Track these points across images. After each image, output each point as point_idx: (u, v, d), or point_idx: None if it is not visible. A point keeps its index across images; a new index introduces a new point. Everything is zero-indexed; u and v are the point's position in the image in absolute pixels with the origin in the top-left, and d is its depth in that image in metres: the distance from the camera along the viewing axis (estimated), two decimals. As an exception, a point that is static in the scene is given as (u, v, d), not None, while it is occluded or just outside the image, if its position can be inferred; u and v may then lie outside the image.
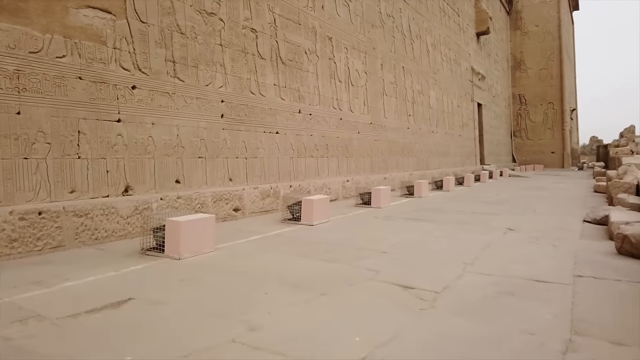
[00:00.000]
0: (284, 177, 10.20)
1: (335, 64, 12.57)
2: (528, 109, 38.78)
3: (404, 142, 17.00)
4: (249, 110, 9.21)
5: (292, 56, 10.70)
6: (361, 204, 10.84)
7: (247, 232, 7.17)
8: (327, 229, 7.53)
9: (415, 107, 18.23)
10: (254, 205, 8.94)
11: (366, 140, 14.18)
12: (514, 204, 11.70)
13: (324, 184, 11.42)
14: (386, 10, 15.87)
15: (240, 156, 8.90)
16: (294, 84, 10.73)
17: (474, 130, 26.73)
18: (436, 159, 20.34)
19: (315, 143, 11.49)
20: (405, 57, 17.33)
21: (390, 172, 15.65)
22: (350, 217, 9.07)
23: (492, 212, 9.87)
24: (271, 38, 9.99)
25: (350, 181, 12.76)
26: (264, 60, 9.71)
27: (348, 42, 13.30)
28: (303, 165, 10.93)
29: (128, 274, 4.69)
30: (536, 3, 38.55)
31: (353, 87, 13.50)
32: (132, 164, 6.70)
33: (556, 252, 5.81)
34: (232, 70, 8.81)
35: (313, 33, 11.58)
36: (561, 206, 11.21)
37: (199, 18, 8.07)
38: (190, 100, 7.79)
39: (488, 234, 7.18)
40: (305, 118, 11.11)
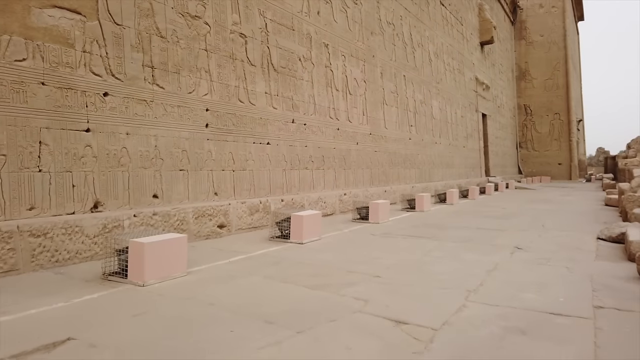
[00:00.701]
0: (276, 191, 9.61)
1: (332, 72, 12.03)
2: (534, 120, 38.14)
3: (406, 153, 16.39)
4: (237, 120, 8.65)
5: (285, 63, 10.16)
6: (358, 219, 10.21)
7: (229, 252, 6.55)
8: (317, 248, 6.90)
9: (418, 117, 17.65)
10: (241, 221, 8.33)
11: (365, 152, 13.59)
12: (521, 218, 11.04)
13: (319, 197, 10.81)
14: (386, 18, 15.38)
15: (227, 168, 8.32)
16: (287, 92, 10.19)
17: (479, 141, 26.10)
18: (439, 170, 19.70)
19: (310, 154, 10.91)
20: (406, 65, 16.80)
21: (391, 185, 15.03)
22: (344, 234, 8.44)
23: (498, 228, 9.22)
24: (262, 44, 9.46)
25: (348, 194, 12.14)
26: (254, 67, 9.17)
27: (346, 49, 12.78)
28: (297, 177, 10.34)
29: (79, 305, 4.08)
30: (541, 13, 38.11)
31: (351, 96, 12.94)
32: (103, 177, 6.13)
33: (571, 276, 5.16)
34: (218, 77, 8.27)
35: (308, 39, 11.07)
36: (571, 221, 10.53)
37: (182, 21, 7.56)
38: (170, 108, 7.24)
39: (494, 253, 6.53)
40: (299, 128, 10.54)
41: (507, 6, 36.10)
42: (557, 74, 37.46)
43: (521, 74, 38.74)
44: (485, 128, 27.91)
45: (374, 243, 7.49)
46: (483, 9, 28.00)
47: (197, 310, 3.92)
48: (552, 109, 37.49)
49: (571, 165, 36.75)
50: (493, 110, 30.09)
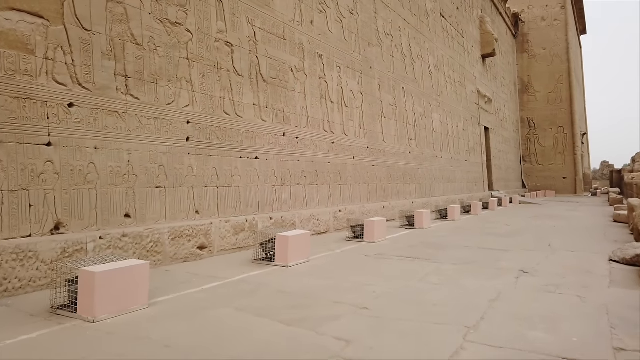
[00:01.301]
0: (265, 208, 9.04)
1: (327, 83, 11.54)
2: (537, 133, 37.59)
3: (405, 167, 15.83)
4: (222, 133, 8.13)
5: (276, 74, 9.68)
6: (352, 238, 9.61)
7: (205, 277, 5.96)
8: (303, 273, 6.30)
9: (418, 130, 17.13)
10: (224, 241, 7.75)
11: (362, 166, 13.03)
12: (526, 236, 10.41)
13: (311, 215, 10.23)
14: (384, 29, 14.95)
15: (210, 185, 7.77)
16: (278, 104, 9.68)
17: (481, 155, 25.53)
18: (441, 185, 19.11)
19: (303, 169, 10.37)
20: (405, 77, 16.32)
21: (390, 201, 14.44)
22: (336, 255, 7.84)
23: (502, 248, 8.60)
24: (250, 53, 8.99)
25: (343, 211, 11.56)
26: (241, 78, 8.68)
27: (341, 60, 12.31)
28: (288, 194, 9.78)
29: (10, 348, 3.50)
30: (543, 26, 37.80)
31: (347, 109, 12.44)
32: (66, 196, 5.59)
33: (584, 308, 4.55)
34: (201, 87, 7.77)
35: (300, 49, 10.60)
36: (580, 239, 9.91)
37: (160, 28, 7.08)
38: (146, 120, 6.72)
39: (497, 278, 5.92)
40: (290, 142, 10.01)
41: (508, 19, 35.82)
42: (561, 87, 37.00)
43: (524, 87, 38.30)
44: (487, 142, 27.36)
45: (367, 266, 6.89)
46: (484, 22, 27.65)
47: (147, 354, 3.33)
48: (555, 123, 36.96)
49: (576, 179, 36.07)
50: (496, 124, 29.57)
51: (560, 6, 37.23)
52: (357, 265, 6.91)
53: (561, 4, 37.26)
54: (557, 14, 37.36)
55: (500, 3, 32.96)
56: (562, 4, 37.26)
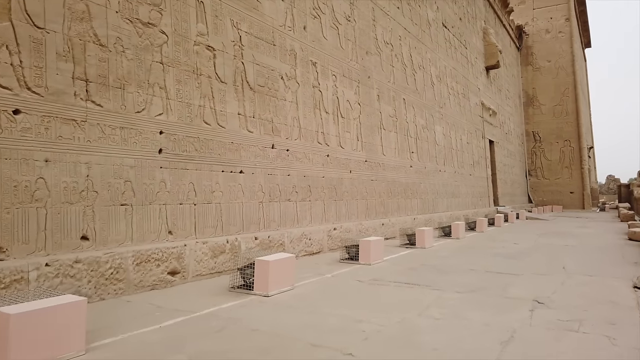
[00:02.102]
0: (250, 227, 8.25)
1: (321, 93, 10.83)
2: (543, 147, 36.76)
3: (407, 182, 15.04)
4: (201, 145, 7.39)
5: (264, 81, 8.97)
6: (346, 260, 8.79)
7: (170, 310, 5.16)
8: (284, 304, 5.49)
9: (419, 143, 16.37)
10: (200, 265, 6.95)
11: (360, 181, 12.25)
12: (537, 257, 9.57)
13: (303, 233, 9.42)
14: (383, 37, 14.29)
15: (186, 202, 7.01)
16: (266, 113, 8.96)
17: (486, 169, 24.71)
18: (444, 200, 18.28)
19: (294, 184, 9.60)
20: (406, 88, 15.62)
21: (390, 217, 13.62)
22: (325, 281, 7.02)
23: (511, 272, 7.76)
24: (235, 59, 8.29)
25: (339, 229, 10.74)
26: (224, 85, 7.97)
27: (337, 68, 11.61)
28: (277, 211, 8.99)
29: None
30: (547, 38, 37.22)
31: (343, 120, 11.71)
32: (7, 216, 4.83)
33: (615, 352, 3.73)
34: (177, 94, 7.05)
35: (292, 56, 9.91)
36: (596, 261, 9.06)
37: (129, 28, 6.39)
38: (110, 130, 5.98)
39: (508, 311, 5.09)
40: (280, 154, 9.26)
41: (512, 32, 35.27)
42: (566, 99, 36.26)
43: (529, 100, 37.59)
44: (492, 155, 26.57)
45: (358, 295, 6.06)
46: (488, 33, 27.07)
47: None
48: (561, 136, 36.14)
49: (584, 194, 35.11)
50: (500, 137, 28.80)
51: (565, 18, 36.69)
52: (347, 294, 6.09)
53: (566, 16, 36.72)
54: (562, 26, 36.79)
55: (504, 15, 32.44)
56: (566, 16, 36.72)
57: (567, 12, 36.80)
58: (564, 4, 36.80)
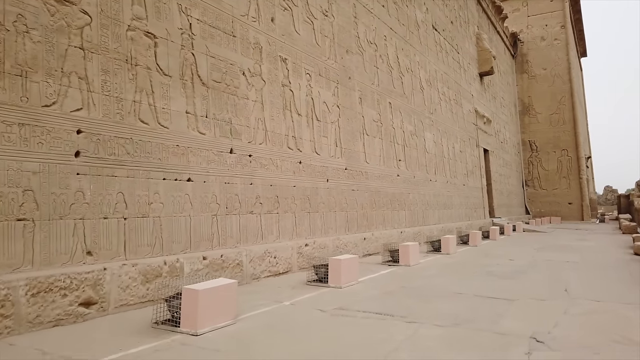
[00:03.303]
0: (200, 244, 7.06)
1: (292, 92, 9.71)
2: (540, 157, 35.70)
3: (393, 192, 13.88)
4: (135, 147, 6.23)
5: (221, 76, 7.85)
6: (314, 282, 7.58)
7: (57, 358, 3.95)
8: (210, 348, 4.28)
9: (408, 150, 15.24)
10: (127, 293, 5.74)
11: (339, 190, 11.09)
12: (535, 277, 8.39)
13: (266, 251, 8.21)
14: (366, 36, 13.23)
15: (112, 215, 5.82)
16: (223, 113, 7.82)
17: (481, 179, 23.59)
18: (435, 212, 17.10)
19: (258, 194, 8.42)
20: (392, 92, 14.54)
21: (374, 230, 12.42)
22: (279, 312, 5.81)
23: (505, 296, 6.58)
24: (184, 49, 7.16)
25: (311, 245, 9.54)
26: (168, 78, 6.84)
27: (312, 67, 10.52)
28: (235, 225, 7.81)
29: None
30: (543, 46, 36.37)
31: (319, 123, 10.57)
32: None
33: None
34: (103, 86, 5.90)
35: (257, 50, 8.80)
36: (601, 280, 7.90)
37: (38, 4, 5.26)
38: (4, 127, 4.82)
39: (499, 355, 3.91)
40: (241, 160, 8.10)
41: (507, 39, 34.42)
42: (563, 108, 35.30)
43: (524, 109, 36.63)
44: (487, 164, 25.47)
45: (315, 332, 4.86)
46: (481, 38, 26.13)
47: None
48: (559, 145, 35.11)
49: (582, 205, 33.98)
50: (496, 146, 27.74)
51: (560, 25, 35.89)
52: (301, 331, 4.88)
53: (561, 24, 35.92)
54: (557, 33, 35.98)
55: (498, 22, 31.59)
56: (562, 23, 35.93)
57: (562, 20, 36.01)
58: (559, 10, 36.03)
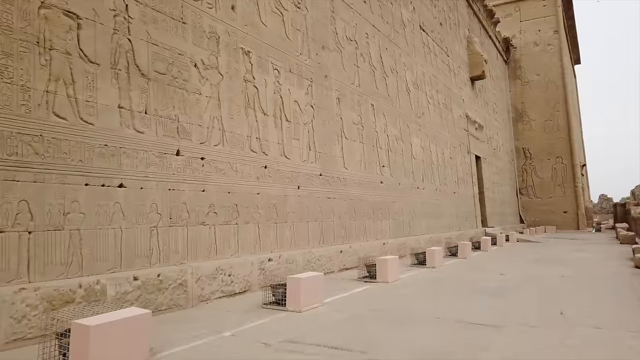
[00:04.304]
0: (134, 262, 6.00)
1: (257, 89, 8.72)
2: (534, 164, 34.82)
3: (375, 200, 12.87)
4: (47, 146, 5.20)
5: (166, 67, 6.85)
6: (271, 304, 6.53)
7: None
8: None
9: (392, 156, 14.26)
10: (23, 325, 4.64)
11: (312, 199, 10.07)
12: (527, 295, 7.38)
13: (218, 268, 7.15)
14: (345, 32, 12.30)
15: (11, 229, 4.77)
16: (168, 109, 6.81)
17: (473, 187, 22.63)
18: (423, 221, 16.09)
19: (212, 202, 7.39)
20: (375, 93, 13.59)
21: (353, 242, 11.39)
22: (211, 345, 4.73)
23: (492, 321, 5.56)
24: (117, 33, 6.17)
25: (276, 260, 8.49)
26: (94, 66, 5.83)
27: (281, 62, 9.55)
28: (181, 238, 6.76)
29: None
30: (536, 51, 35.67)
31: (289, 124, 9.58)
32: None
33: None
34: (3, 72, 4.88)
35: (213, 40, 7.82)
36: (601, 300, 6.92)
37: None
38: None
39: None
40: (190, 163, 7.08)
41: (499, 44, 33.70)
42: (557, 114, 34.51)
43: (518, 116, 35.83)
44: (479, 172, 24.52)
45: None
46: (472, 42, 25.32)
47: None
48: (553, 153, 34.26)
49: (578, 214, 33.07)
50: (488, 153, 26.83)
51: (554, 30, 35.22)
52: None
53: (554, 29, 35.26)
54: (550, 38, 35.30)
55: (489, 26, 30.87)
56: (555, 28, 35.27)
57: (555, 25, 35.36)
58: (552, 15, 35.39)
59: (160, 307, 6.04)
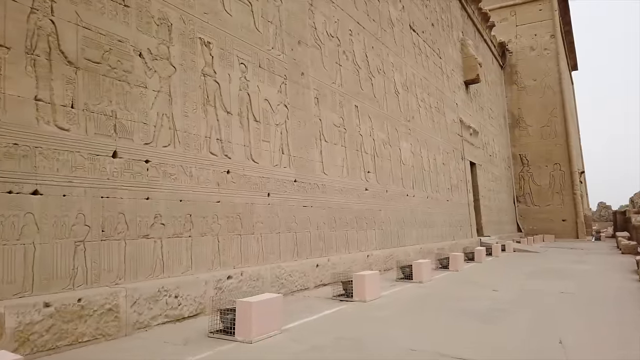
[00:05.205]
0: (51, 284, 5.02)
1: (218, 84, 7.79)
2: (531, 171, 33.92)
3: (359, 208, 11.90)
4: None
5: (101, 55, 5.91)
6: (217, 333, 5.53)
7: None
8: None
9: (379, 161, 13.32)
10: None
11: (285, 207, 9.10)
12: (521, 318, 6.40)
13: (162, 288, 6.15)
14: (326, 27, 11.41)
15: None
16: (103, 103, 5.86)
17: (467, 194, 21.68)
18: (413, 231, 15.11)
19: (159, 212, 6.42)
20: (359, 94, 12.68)
21: (332, 255, 10.40)
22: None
23: (477, 355, 4.58)
24: (36, 12, 5.23)
25: (238, 277, 7.49)
26: (2, 50, 4.89)
27: (249, 56, 8.63)
28: (117, 254, 5.78)
29: None
30: (532, 56, 34.91)
31: (258, 125, 8.64)
32: None
33: None
34: None
35: (164, 27, 6.90)
36: (606, 322, 5.96)
37: None
38: None
39: None
40: (130, 167, 6.11)
41: (494, 48, 32.93)
42: (554, 120, 33.67)
43: (514, 122, 34.98)
44: (475, 179, 23.59)
45: None
46: (466, 45, 24.50)
47: None
48: (551, 159, 33.37)
49: (577, 222, 32.10)
50: (484, 159, 25.91)
51: (550, 35, 34.48)
52: None
53: (551, 33, 34.52)
54: (547, 43, 34.54)
55: (484, 30, 30.10)
56: (551, 32, 34.53)
57: (552, 29, 34.63)
58: (548, 20, 34.67)
59: (82, 339, 5.04)
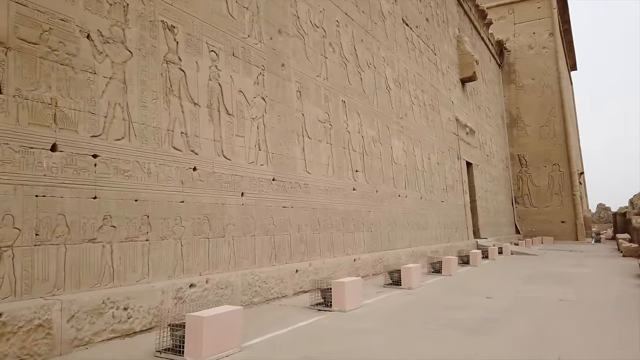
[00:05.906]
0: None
1: (184, 73, 7.09)
2: (530, 172, 33.24)
3: (346, 209, 11.20)
4: None
5: (39, 36, 5.21)
6: (165, 352, 4.82)
7: None
8: None
9: (368, 159, 12.63)
10: None
11: (261, 208, 8.40)
12: (516, 330, 5.70)
13: (108, 299, 5.43)
14: (310, 17, 10.72)
15: None
16: (41, 89, 5.15)
17: (464, 195, 20.99)
18: (406, 233, 14.40)
19: (109, 212, 5.71)
20: (347, 88, 11.98)
21: (314, 259, 9.69)
22: None
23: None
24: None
25: (202, 285, 6.77)
26: None
27: (221, 44, 7.93)
28: (55, 261, 5.05)
29: None
30: (531, 55, 34.25)
31: (231, 118, 7.94)
32: None
33: None
34: None
35: (118, 7, 6.20)
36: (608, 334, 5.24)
37: None
38: None
39: None
40: (73, 161, 5.41)
41: (492, 46, 32.28)
42: (553, 120, 33.01)
43: (513, 121, 34.30)
44: (471, 179, 22.90)
45: None
46: (462, 41, 23.83)
47: None
48: (550, 160, 32.69)
49: (576, 223, 31.41)
50: (481, 159, 25.22)
51: (549, 33, 33.83)
52: None
53: (549, 31, 33.87)
54: (546, 41, 33.89)
55: (482, 27, 29.43)
56: (550, 31, 33.88)
57: (550, 27, 33.98)
58: (547, 17, 34.02)
59: (2, 360, 4.33)
